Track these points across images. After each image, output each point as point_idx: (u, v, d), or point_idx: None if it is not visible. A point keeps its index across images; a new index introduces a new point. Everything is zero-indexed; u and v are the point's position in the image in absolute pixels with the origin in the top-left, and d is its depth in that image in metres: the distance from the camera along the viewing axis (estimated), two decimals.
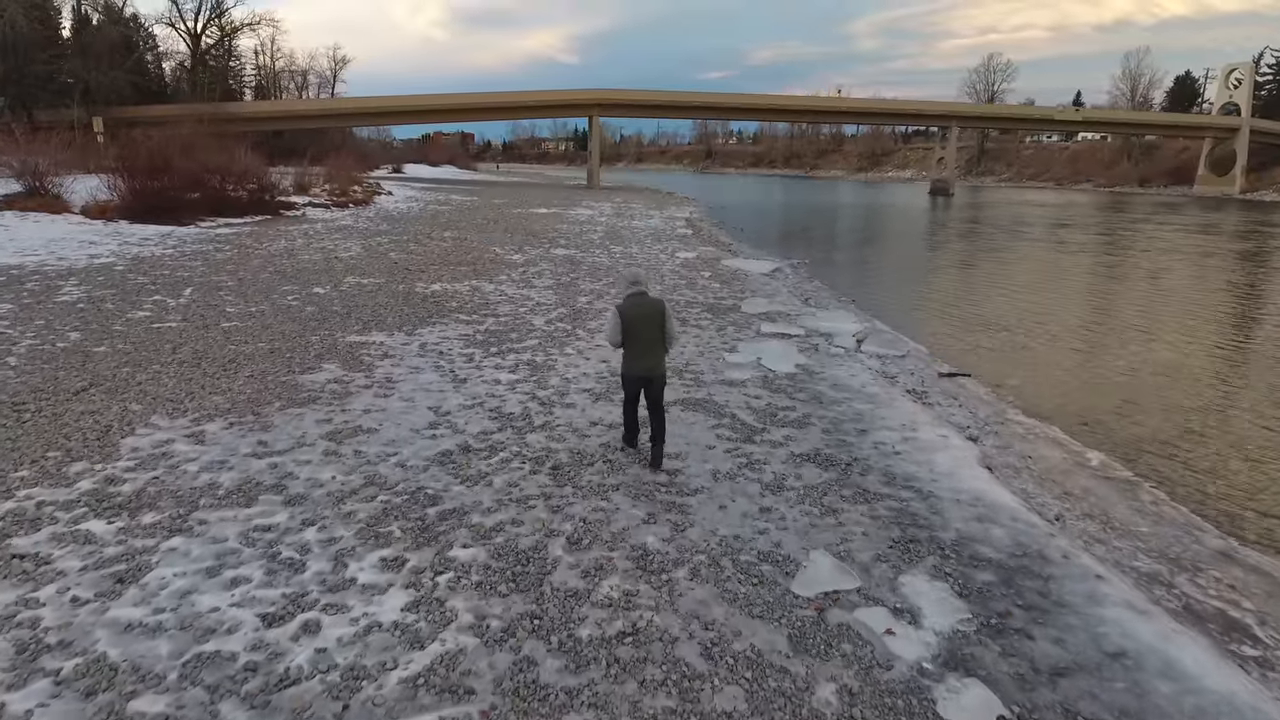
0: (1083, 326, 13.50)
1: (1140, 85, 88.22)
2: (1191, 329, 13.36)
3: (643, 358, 5.65)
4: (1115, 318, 14.37)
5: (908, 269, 21.78)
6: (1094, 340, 12.38)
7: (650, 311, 5.63)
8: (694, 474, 5.71)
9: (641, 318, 5.59)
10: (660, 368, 5.73)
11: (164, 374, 7.51)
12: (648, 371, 5.67)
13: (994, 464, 6.41)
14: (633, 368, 5.70)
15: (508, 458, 5.88)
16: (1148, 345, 12.02)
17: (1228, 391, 9.65)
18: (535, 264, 16.36)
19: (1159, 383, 9.92)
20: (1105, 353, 11.51)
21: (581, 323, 10.71)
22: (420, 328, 10.01)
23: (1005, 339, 12.24)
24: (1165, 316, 14.46)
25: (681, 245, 21.35)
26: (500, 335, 9.80)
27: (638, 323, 5.58)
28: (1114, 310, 15.18)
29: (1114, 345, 12.01)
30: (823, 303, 13.93)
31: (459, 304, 11.68)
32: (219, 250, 16.10)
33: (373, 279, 13.48)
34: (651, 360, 5.66)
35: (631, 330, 5.59)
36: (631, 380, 5.78)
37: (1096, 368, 10.68)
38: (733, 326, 10.89)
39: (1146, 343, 12.18)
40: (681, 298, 13.01)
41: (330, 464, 5.61)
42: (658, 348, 5.66)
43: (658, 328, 5.63)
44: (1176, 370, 10.56)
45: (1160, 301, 16.28)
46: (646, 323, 5.60)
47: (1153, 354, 11.45)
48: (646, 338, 5.60)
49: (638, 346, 5.63)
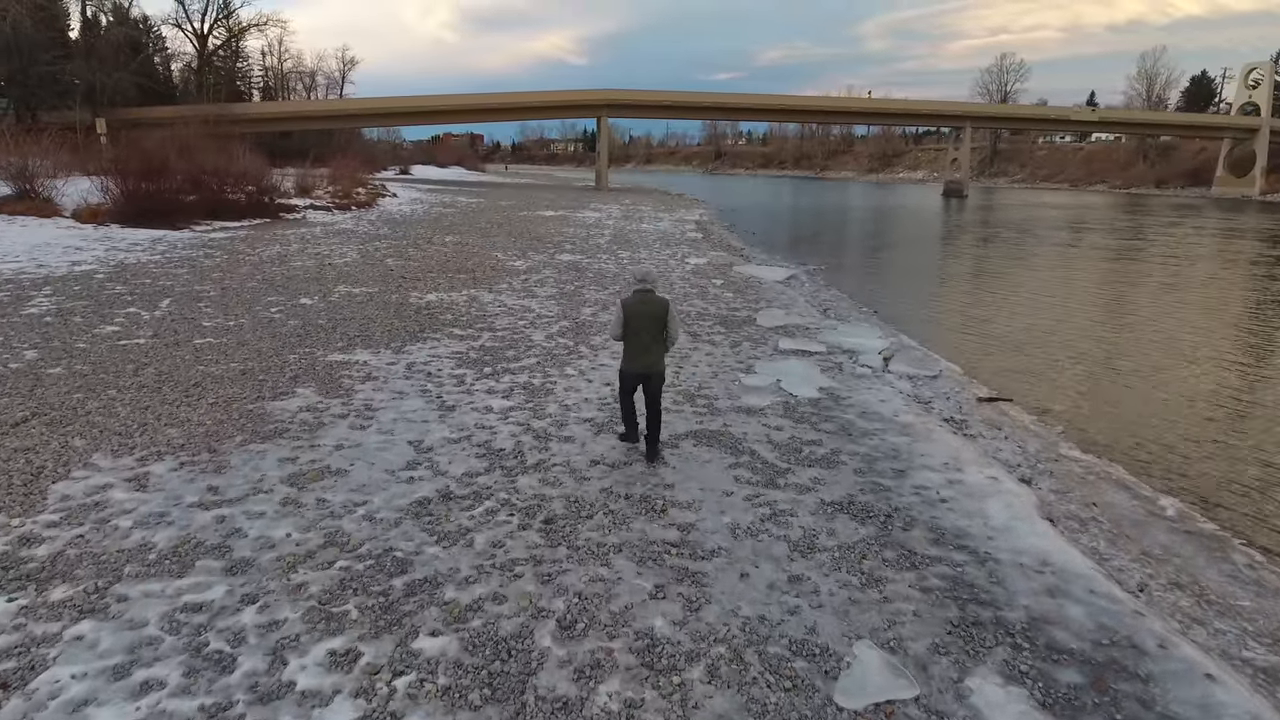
0: (1124, 342, 12.56)
1: (1156, 85, 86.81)
2: (1253, 347, 12.39)
3: (641, 356, 5.74)
4: (1160, 331, 13.39)
5: (929, 276, 20.82)
6: (1140, 358, 11.41)
7: (653, 310, 5.71)
8: (710, 530, 4.90)
9: (644, 315, 5.68)
10: (658, 365, 5.82)
11: (119, 401, 6.76)
12: (645, 369, 5.77)
13: (1055, 514, 5.57)
14: (631, 365, 5.80)
15: (494, 507, 5.09)
16: (1203, 365, 11.04)
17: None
18: (538, 271, 15.58)
19: (1226, 411, 8.94)
20: (1157, 374, 10.51)
21: (584, 338, 9.92)
22: (410, 344, 9.24)
23: (1042, 356, 11.34)
24: (1218, 331, 13.46)
25: (692, 250, 20.54)
26: (496, 353, 9.02)
27: (640, 320, 5.68)
28: (1157, 323, 14.14)
29: (1165, 365, 10.99)
30: (843, 314, 13.07)
31: (454, 316, 10.91)
32: (209, 256, 15.41)
33: (365, 288, 12.73)
34: (649, 358, 5.74)
35: (633, 326, 5.68)
36: (629, 376, 5.88)
37: (1150, 391, 9.72)
38: (748, 342, 10.07)
39: (1201, 362, 11.20)
40: (692, 309, 12.20)
41: (287, 517, 4.83)
42: (657, 346, 5.75)
43: (658, 327, 5.71)
44: (1243, 396, 9.56)
45: (1208, 314, 15.25)
46: (648, 320, 5.68)
47: (1212, 376, 10.45)
48: (647, 335, 5.69)
49: (637, 343, 5.72)
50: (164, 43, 60.55)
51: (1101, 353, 11.71)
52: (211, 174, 24.31)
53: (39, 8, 43.43)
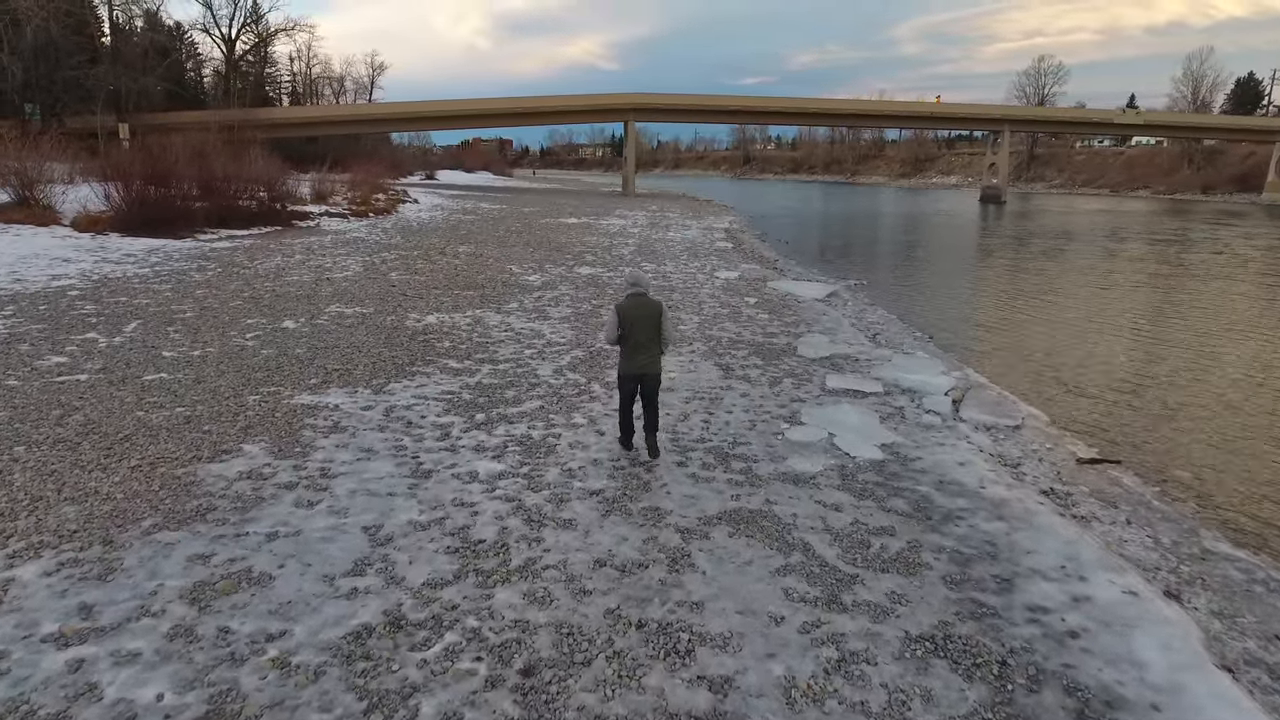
0: (1238, 376, 10.72)
1: (1203, 88, 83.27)
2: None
3: (636, 356, 5.84)
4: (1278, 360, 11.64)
5: (983, 292, 18.91)
6: (1267, 402, 9.66)
7: (648, 312, 5.85)
8: (753, 688, 3.48)
9: (639, 318, 5.80)
10: (654, 367, 5.93)
11: (18, 465, 5.52)
12: (642, 369, 5.86)
13: (1230, 657, 4.05)
14: (628, 366, 5.90)
15: (457, 645, 3.71)
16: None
17: None
18: (554, 287, 14.26)
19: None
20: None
21: (599, 373, 8.53)
22: (395, 381, 7.93)
23: (1138, 398, 9.63)
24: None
25: (721, 262, 19.09)
26: (493, 394, 7.66)
27: (635, 322, 5.79)
28: (1274, 351, 12.32)
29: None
30: (894, 340, 11.52)
31: (453, 344, 9.60)
32: (202, 269, 14.33)
33: (360, 308, 11.49)
34: (645, 359, 5.84)
35: (628, 329, 5.79)
36: (628, 379, 5.95)
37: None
38: (790, 379, 8.60)
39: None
40: (723, 334, 10.76)
41: (169, 661, 3.50)
42: (653, 347, 5.87)
43: (654, 328, 5.84)
44: None
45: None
46: (644, 323, 5.81)
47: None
48: (642, 337, 5.80)
49: (633, 345, 5.82)
50: (195, 49, 60.89)
51: (1212, 392, 9.95)
52: (222, 179, 23.51)
53: (67, 13, 43.36)
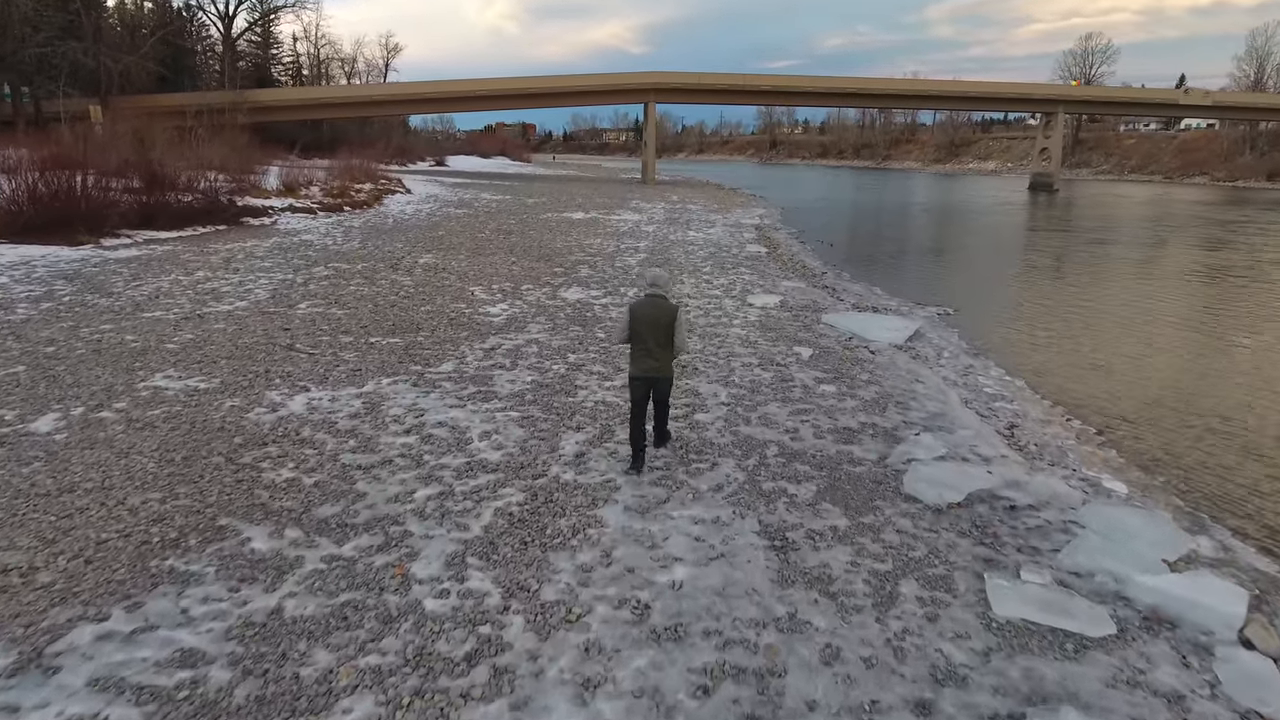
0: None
1: (1269, 66, 76.26)
2: None
3: (644, 359, 5.44)
4: None
5: (1142, 334, 12.23)
6: None
7: (661, 316, 5.41)
8: None
9: (650, 320, 5.40)
10: (665, 370, 5.53)
11: None
12: (652, 373, 5.47)
13: None
14: (637, 368, 5.50)
15: None
16: None
17: None
18: (522, 326, 10.10)
19: None
20: None
21: (544, 571, 4.36)
22: (85, 623, 3.85)
23: None
24: None
25: (755, 276, 14.79)
26: (279, 666, 3.55)
27: (646, 325, 5.40)
28: None
29: None
30: (1049, 443, 7.13)
31: (294, 473, 5.48)
32: (49, 295, 10.38)
33: (198, 379, 7.41)
34: (653, 362, 5.43)
35: (638, 331, 5.42)
36: (639, 382, 5.52)
37: None
38: (905, 570, 4.36)
39: None
40: (768, 434, 6.53)
41: None
42: (662, 351, 5.43)
43: (665, 334, 5.41)
44: None
45: None
46: (655, 326, 5.38)
47: None
48: (651, 341, 5.40)
49: (642, 348, 5.45)
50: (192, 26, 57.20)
51: None
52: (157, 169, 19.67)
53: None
